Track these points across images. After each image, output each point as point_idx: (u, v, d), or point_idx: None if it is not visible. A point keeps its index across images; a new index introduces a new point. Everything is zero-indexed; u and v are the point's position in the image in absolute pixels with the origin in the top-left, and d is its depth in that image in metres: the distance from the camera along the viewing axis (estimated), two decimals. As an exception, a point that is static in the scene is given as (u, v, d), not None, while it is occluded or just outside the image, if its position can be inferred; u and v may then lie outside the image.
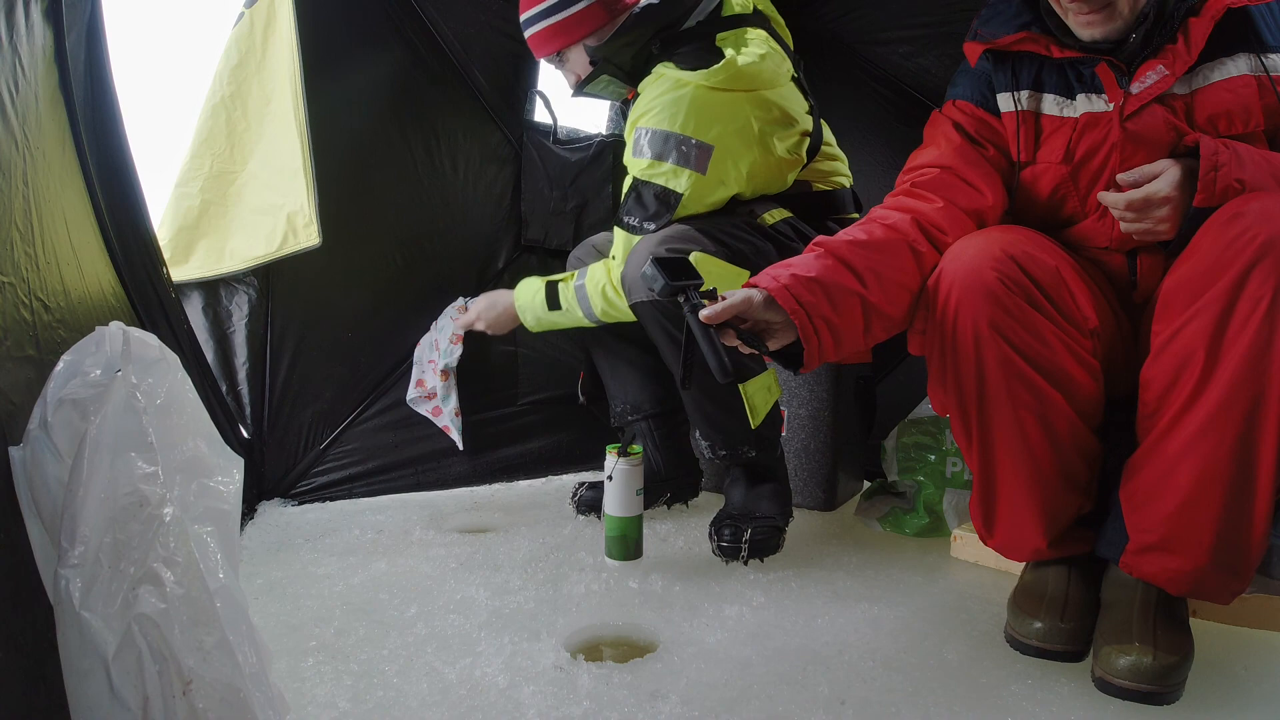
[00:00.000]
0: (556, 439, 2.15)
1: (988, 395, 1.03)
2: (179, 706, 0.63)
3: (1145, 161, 1.00)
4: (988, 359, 1.01)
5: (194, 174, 1.71)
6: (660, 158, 1.41)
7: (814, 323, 1.01)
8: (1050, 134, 1.12)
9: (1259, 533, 0.92)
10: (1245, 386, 0.87)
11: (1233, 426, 0.89)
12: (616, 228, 1.51)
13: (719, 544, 1.43)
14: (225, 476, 0.77)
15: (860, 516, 1.70)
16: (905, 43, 2.21)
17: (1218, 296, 0.88)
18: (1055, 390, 1.01)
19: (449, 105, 2.07)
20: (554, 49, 1.55)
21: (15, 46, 0.94)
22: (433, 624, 1.14)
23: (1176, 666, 0.94)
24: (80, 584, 0.63)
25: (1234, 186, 0.92)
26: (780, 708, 0.93)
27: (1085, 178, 1.10)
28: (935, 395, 1.11)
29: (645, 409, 1.72)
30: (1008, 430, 1.03)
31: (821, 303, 1.01)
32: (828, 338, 1.02)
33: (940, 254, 1.08)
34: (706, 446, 1.52)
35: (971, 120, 1.17)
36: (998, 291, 0.99)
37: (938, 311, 1.04)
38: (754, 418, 1.46)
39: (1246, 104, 1.00)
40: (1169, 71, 1.02)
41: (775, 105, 1.45)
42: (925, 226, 1.10)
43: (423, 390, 1.94)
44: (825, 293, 1.02)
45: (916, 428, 1.68)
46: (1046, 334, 1.00)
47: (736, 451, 1.49)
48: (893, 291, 1.07)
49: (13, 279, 0.82)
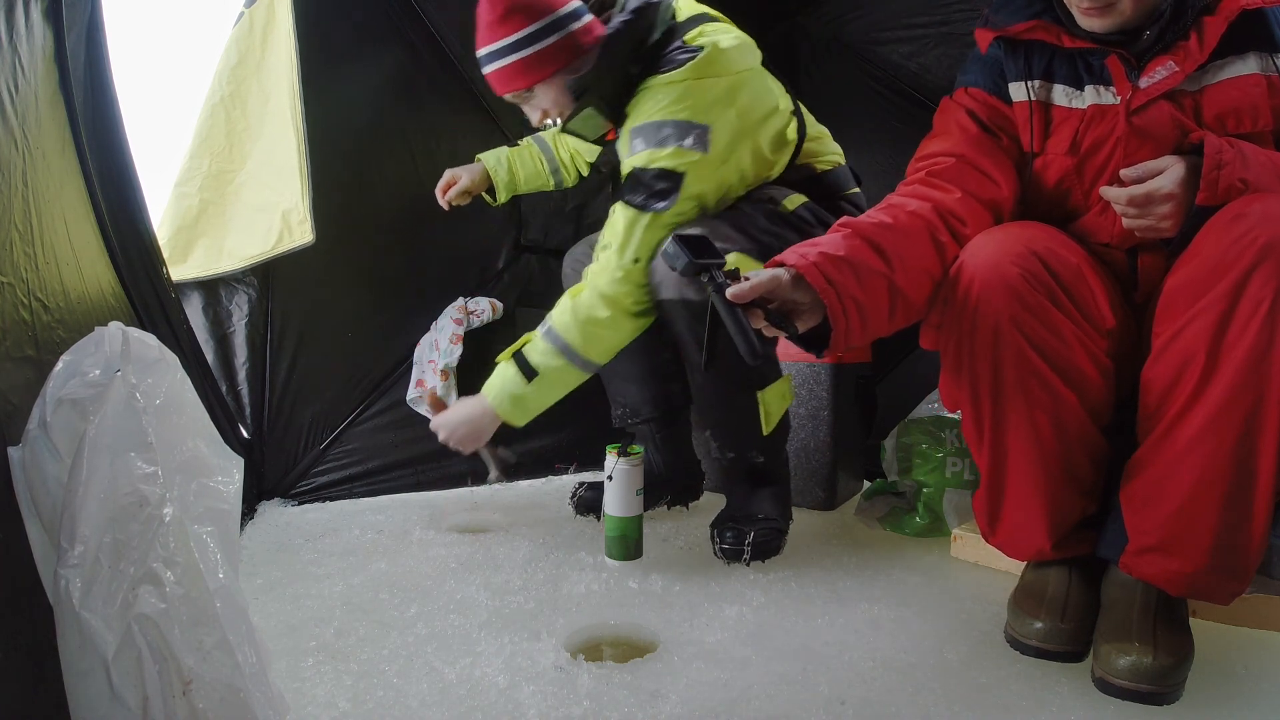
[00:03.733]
0: (557, 439, 2.15)
1: (1004, 392, 1.02)
2: (179, 706, 0.63)
3: (1150, 157, 0.99)
4: (1006, 355, 1.00)
5: (193, 173, 1.72)
6: (660, 145, 1.35)
7: (843, 302, 0.99)
8: (1059, 125, 1.10)
9: (1259, 534, 0.92)
10: (1246, 388, 0.87)
11: (1233, 428, 0.89)
12: (618, 207, 1.39)
13: (721, 545, 1.43)
14: (225, 476, 0.77)
15: (860, 516, 1.70)
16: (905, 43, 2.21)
17: (1219, 298, 0.88)
18: (1070, 390, 1.01)
19: (449, 105, 2.07)
20: (519, 86, 1.43)
21: (15, 46, 0.94)
22: (433, 624, 1.14)
23: (1176, 667, 0.94)
24: (80, 584, 0.63)
25: (1237, 186, 0.91)
26: (780, 708, 0.93)
27: (1090, 171, 1.09)
28: (948, 390, 1.11)
29: (645, 413, 1.72)
30: (1021, 428, 1.03)
31: (850, 282, 0.99)
32: (855, 319, 1.00)
33: (959, 245, 1.07)
34: (716, 447, 1.51)
35: (985, 108, 1.15)
36: (1020, 288, 0.99)
37: (956, 305, 1.03)
38: (767, 424, 1.45)
39: (1255, 103, 0.99)
40: (1179, 68, 1.00)
41: (763, 83, 1.46)
42: (945, 216, 1.09)
43: (423, 390, 1.94)
44: (854, 272, 1.00)
45: (916, 428, 1.68)
46: (1065, 332, 1.00)
47: (745, 455, 1.48)
48: (916, 276, 1.05)
49: (12, 279, 0.82)
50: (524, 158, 1.88)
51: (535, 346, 1.43)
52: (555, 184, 1.92)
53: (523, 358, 1.43)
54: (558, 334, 1.40)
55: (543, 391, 1.44)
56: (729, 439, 1.48)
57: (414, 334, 1.99)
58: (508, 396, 1.43)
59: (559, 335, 1.40)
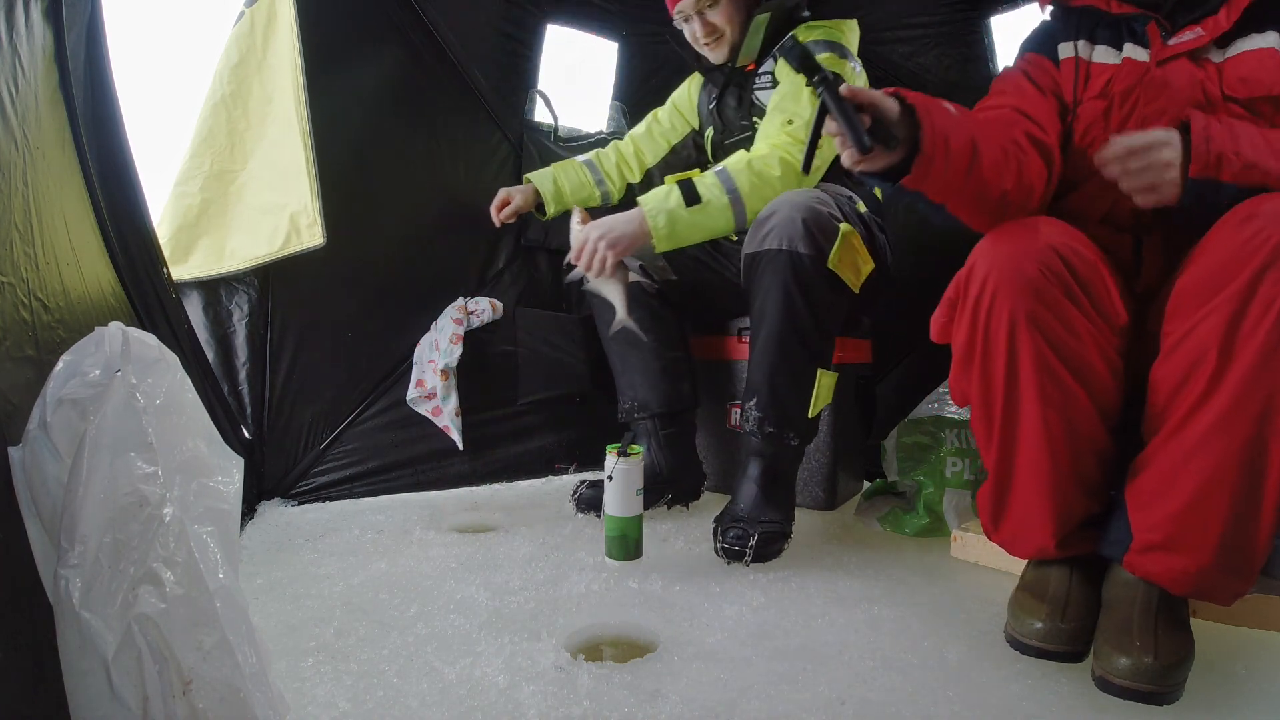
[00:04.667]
0: (557, 439, 2.15)
1: (1017, 389, 1.02)
2: (179, 706, 0.63)
3: (1167, 105, 1.08)
4: (1022, 352, 1.01)
5: (194, 173, 1.71)
6: (830, 51, 1.63)
7: (936, 139, 1.00)
8: (1096, 77, 1.19)
9: (1265, 535, 0.92)
10: (1257, 387, 0.87)
11: (1243, 428, 0.89)
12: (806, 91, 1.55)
13: (723, 544, 1.43)
14: (225, 476, 0.77)
15: (860, 516, 1.70)
16: (905, 43, 2.21)
17: (1230, 298, 0.88)
18: (1083, 389, 1.01)
19: (449, 105, 2.07)
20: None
21: (15, 46, 0.94)
22: (433, 624, 1.14)
23: (1177, 667, 0.94)
24: (80, 584, 0.63)
25: (1229, 157, 0.93)
26: (780, 708, 0.93)
27: (1116, 118, 1.15)
28: (957, 385, 1.11)
29: (652, 408, 1.72)
30: (1032, 426, 1.03)
31: (951, 129, 1.01)
32: (940, 164, 1.01)
33: (1021, 170, 1.09)
34: (757, 419, 1.49)
35: (1037, 69, 1.23)
36: (1040, 284, 0.99)
37: (971, 299, 1.04)
38: (814, 406, 1.50)
39: (1269, 72, 1.07)
40: (1205, 33, 1.11)
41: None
42: (1016, 138, 1.14)
43: (423, 390, 1.95)
44: (954, 124, 1.03)
45: (916, 428, 1.68)
46: (1081, 330, 1.00)
47: (784, 433, 1.48)
48: (994, 156, 1.06)
49: (12, 279, 0.82)
50: (568, 170, 2.01)
51: (705, 180, 1.53)
52: (601, 196, 2.04)
53: (690, 185, 1.52)
54: (730, 176, 1.53)
55: (696, 221, 1.52)
56: (776, 410, 1.48)
57: (414, 334, 1.99)
58: (665, 212, 1.51)
59: (731, 178, 1.52)
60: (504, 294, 2.15)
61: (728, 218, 1.53)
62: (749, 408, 1.51)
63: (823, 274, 1.45)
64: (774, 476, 1.50)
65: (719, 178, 1.53)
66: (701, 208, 1.51)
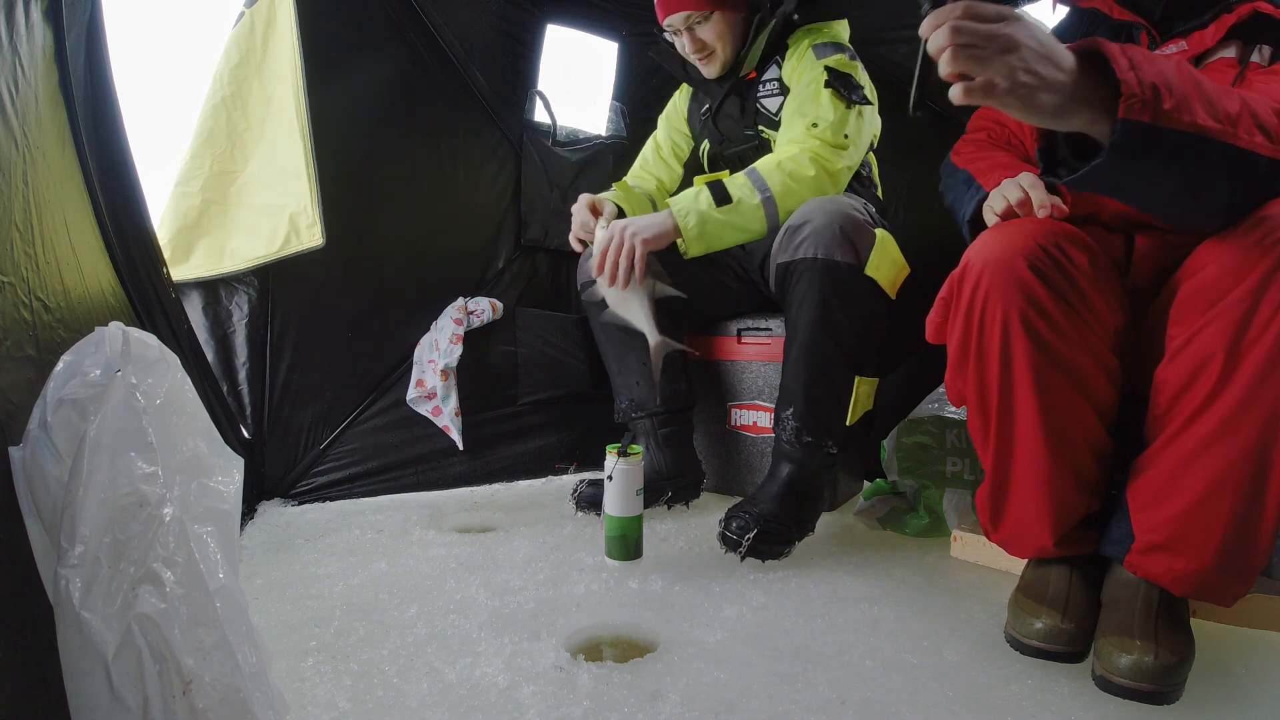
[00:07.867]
0: (557, 439, 2.15)
1: (1012, 389, 1.03)
2: (179, 706, 0.63)
3: None
4: (1016, 352, 1.01)
5: (194, 173, 1.72)
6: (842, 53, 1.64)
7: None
8: None
9: (1266, 538, 0.92)
10: (1262, 393, 0.87)
11: (1248, 432, 0.89)
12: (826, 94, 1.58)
13: (724, 530, 1.42)
14: (225, 476, 0.77)
15: (860, 516, 1.70)
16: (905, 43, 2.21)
17: (1238, 301, 0.88)
18: (1077, 388, 1.01)
19: (449, 105, 2.07)
20: (707, 8, 1.65)
21: (15, 46, 0.94)
22: (433, 624, 1.14)
23: (1177, 666, 0.94)
24: (80, 584, 0.63)
25: (1163, 91, 0.78)
26: (780, 708, 0.93)
27: None
28: (953, 385, 1.11)
29: (650, 407, 1.72)
30: (1028, 425, 1.03)
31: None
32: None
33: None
34: (794, 429, 1.47)
35: None
36: (1030, 283, 0.99)
37: (965, 300, 1.04)
38: (852, 413, 1.48)
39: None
40: (1188, 48, 1.13)
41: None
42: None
43: (423, 390, 1.95)
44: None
45: (916, 428, 1.67)
46: (1074, 331, 1.00)
47: (822, 441, 1.47)
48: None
49: (13, 279, 0.82)
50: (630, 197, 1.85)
51: (736, 180, 1.52)
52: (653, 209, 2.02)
53: (721, 186, 1.51)
54: (761, 177, 1.51)
55: (728, 221, 1.50)
56: (813, 418, 1.47)
57: (414, 334, 1.99)
58: (696, 212, 1.48)
59: (762, 178, 1.51)
60: (504, 294, 2.15)
61: (759, 218, 1.51)
62: (785, 416, 1.49)
63: (860, 281, 1.44)
64: (800, 481, 1.49)
65: (750, 178, 1.51)
66: (733, 208, 1.48)
